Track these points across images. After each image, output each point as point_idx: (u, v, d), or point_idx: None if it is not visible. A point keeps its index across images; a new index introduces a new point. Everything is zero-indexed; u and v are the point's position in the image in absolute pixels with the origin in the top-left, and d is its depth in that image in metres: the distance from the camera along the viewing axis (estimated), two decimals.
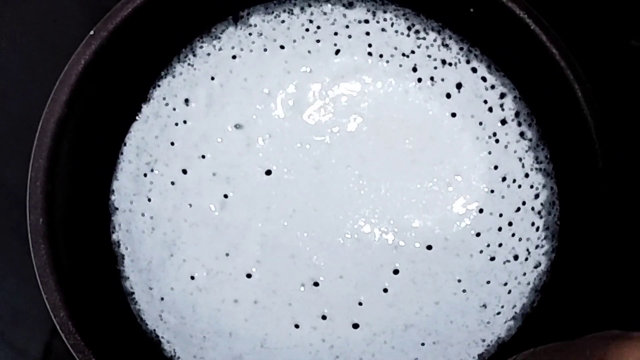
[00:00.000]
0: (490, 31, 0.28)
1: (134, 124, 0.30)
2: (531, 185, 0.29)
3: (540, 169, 0.29)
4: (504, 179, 0.29)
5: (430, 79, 0.29)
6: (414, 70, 0.30)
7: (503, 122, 0.29)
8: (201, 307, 0.29)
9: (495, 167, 0.29)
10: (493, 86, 0.29)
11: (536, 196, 0.29)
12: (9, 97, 0.35)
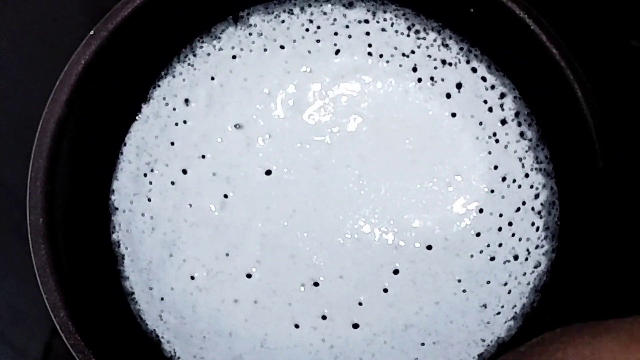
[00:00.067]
0: (490, 31, 0.28)
1: (134, 124, 0.30)
2: (531, 185, 0.29)
3: (540, 169, 0.29)
4: (504, 179, 0.29)
5: (430, 79, 0.29)
6: (414, 70, 0.30)
7: (503, 122, 0.29)
8: (201, 307, 0.29)
9: (495, 167, 0.29)
10: (493, 86, 0.29)
11: (536, 196, 0.29)
12: (9, 97, 0.35)
